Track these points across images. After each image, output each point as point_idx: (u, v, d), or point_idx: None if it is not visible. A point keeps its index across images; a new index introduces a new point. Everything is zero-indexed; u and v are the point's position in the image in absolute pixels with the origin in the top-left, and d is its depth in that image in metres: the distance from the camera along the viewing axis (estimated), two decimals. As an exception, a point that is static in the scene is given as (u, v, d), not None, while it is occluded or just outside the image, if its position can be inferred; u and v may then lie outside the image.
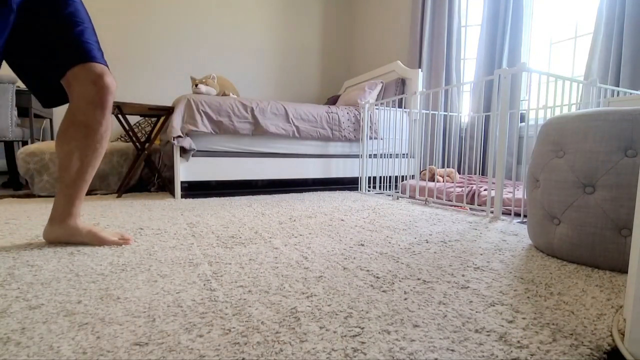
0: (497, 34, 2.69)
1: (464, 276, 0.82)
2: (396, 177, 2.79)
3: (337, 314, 0.61)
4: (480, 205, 1.82)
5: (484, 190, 1.92)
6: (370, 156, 2.65)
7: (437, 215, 1.67)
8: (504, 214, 1.69)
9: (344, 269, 0.86)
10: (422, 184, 2.28)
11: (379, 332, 0.55)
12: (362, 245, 1.09)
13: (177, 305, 0.64)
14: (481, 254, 1.01)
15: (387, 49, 3.83)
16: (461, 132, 2.96)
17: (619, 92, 1.89)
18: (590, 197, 0.90)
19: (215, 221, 1.44)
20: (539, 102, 1.65)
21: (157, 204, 1.88)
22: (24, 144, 2.61)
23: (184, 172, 2.19)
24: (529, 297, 0.70)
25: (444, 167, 2.87)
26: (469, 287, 0.75)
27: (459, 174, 2.83)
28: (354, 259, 0.95)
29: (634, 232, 0.53)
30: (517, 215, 1.64)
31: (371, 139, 2.68)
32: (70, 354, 0.49)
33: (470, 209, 1.86)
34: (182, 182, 2.20)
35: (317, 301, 0.67)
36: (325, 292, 0.71)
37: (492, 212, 1.63)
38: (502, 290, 0.74)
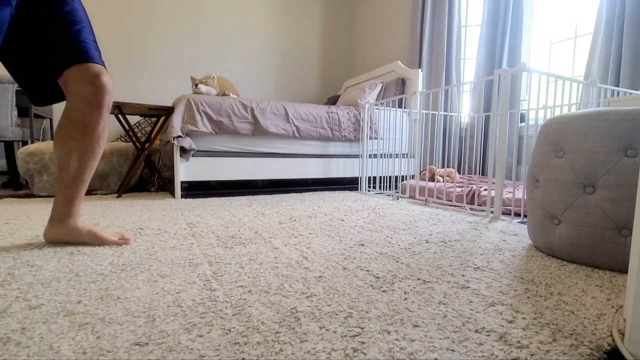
0: (497, 34, 2.69)
1: (464, 276, 0.82)
2: (396, 177, 2.79)
3: (337, 314, 0.61)
4: (480, 205, 1.82)
5: (484, 190, 1.92)
6: (370, 156, 2.65)
7: (437, 215, 1.67)
8: (504, 214, 1.69)
9: (344, 269, 0.86)
10: (422, 184, 2.28)
11: (379, 332, 0.55)
12: (362, 245, 1.09)
13: (177, 305, 0.64)
14: (481, 254, 1.01)
15: (387, 49, 3.83)
16: (461, 132, 2.96)
17: (619, 92, 1.89)
18: (590, 197, 0.90)
19: (215, 221, 1.44)
20: (539, 102, 1.65)
21: (157, 204, 1.88)
22: (24, 144, 2.61)
23: (184, 172, 2.19)
24: (529, 297, 0.70)
25: (444, 167, 2.87)
26: (469, 287, 0.75)
27: (459, 174, 2.83)
28: (354, 259, 0.95)
29: (634, 232, 0.53)
30: (517, 215, 1.64)
31: (371, 139, 2.68)
32: (70, 354, 0.49)
33: (470, 209, 1.86)
34: (182, 182, 2.20)
35: (317, 301, 0.67)
36: (325, 292, 0.71)
37: (492, 212, 1.63)
38: (502, 290, 0.74)
